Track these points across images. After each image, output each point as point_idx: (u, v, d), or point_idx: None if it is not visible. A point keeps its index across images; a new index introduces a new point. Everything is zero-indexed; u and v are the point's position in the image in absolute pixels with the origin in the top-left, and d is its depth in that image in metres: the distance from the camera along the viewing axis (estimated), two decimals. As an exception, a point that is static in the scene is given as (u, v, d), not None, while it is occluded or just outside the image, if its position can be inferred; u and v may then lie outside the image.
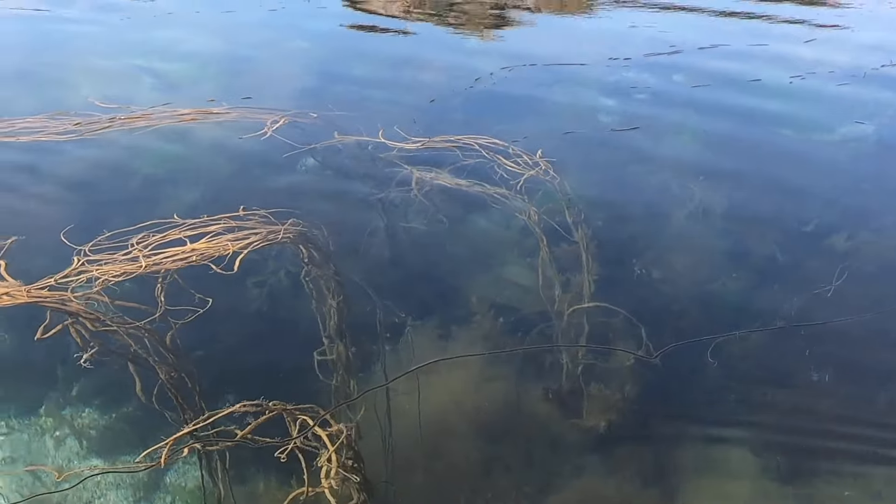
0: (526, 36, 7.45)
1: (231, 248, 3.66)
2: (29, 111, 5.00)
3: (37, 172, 4.37)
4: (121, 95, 5.37)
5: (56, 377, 3.36)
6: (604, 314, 3.72)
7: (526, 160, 4.54)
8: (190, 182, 4.38)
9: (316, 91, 5.71)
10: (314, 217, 4.00)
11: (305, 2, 8.42)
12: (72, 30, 7.29)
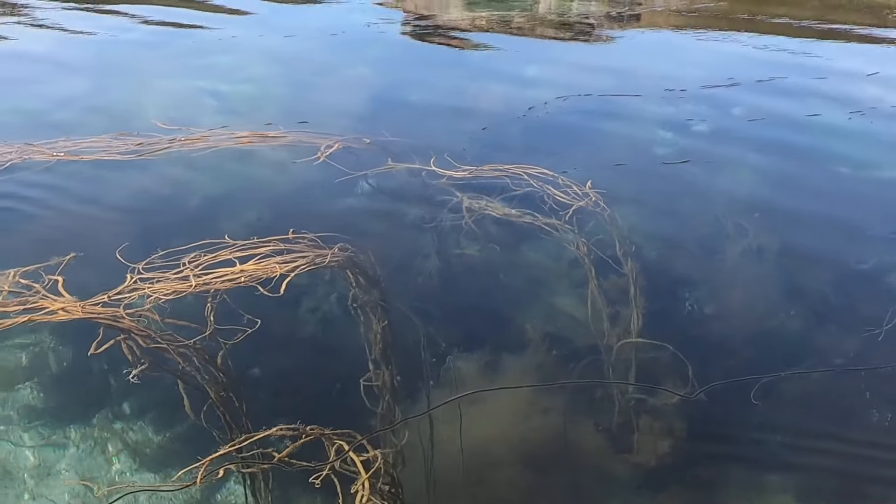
0: (584, 63, 7.44)
1: (278, 271, 3.73)
2: (96, 131, 5.17)
3: (97, 191, 4.51)
4: (183, 117, 5.53)
5: (110, 391, 3.43)
6: (652, 349, 3.69)
7: (576, 191, 4.53)
8: (243, 204, 4.48)
9: (371, 116, 5.79)
10: (362, 242, 4.04)
11: (366, 27, 8.57)
12: (141, 53, 7.54)
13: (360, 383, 3.41)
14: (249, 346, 3.40)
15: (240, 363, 3.40)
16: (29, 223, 4.18)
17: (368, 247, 4.04)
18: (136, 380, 3.22)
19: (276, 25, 8.67)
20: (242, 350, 3.38)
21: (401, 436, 3.20)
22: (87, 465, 3.16)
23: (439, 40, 8.39)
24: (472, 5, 10.06)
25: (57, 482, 3.07)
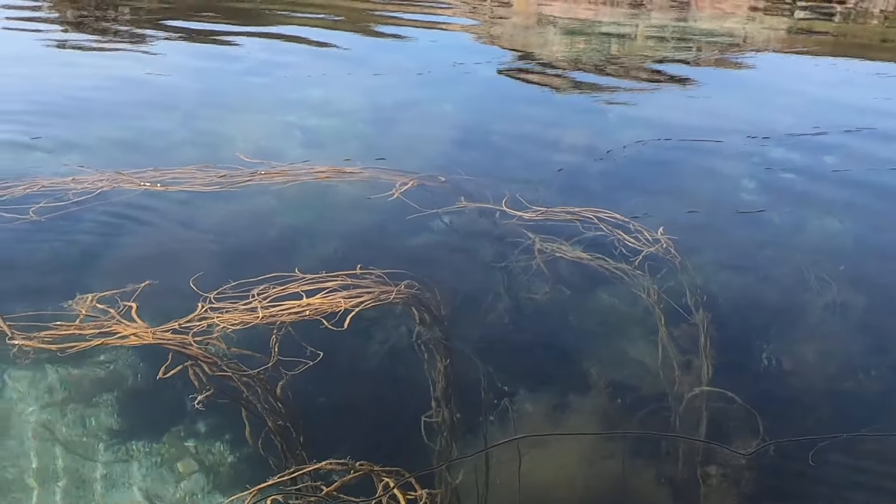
0: (671, 106, 7.37)
1: (343, 305, 3.79)
2: (187, 161, 5.37)
3: (178, 222, 4.67)
4: (270, 150, 5.71)
5: (183, 413, 3.50)
6: (722, 400, 3.58)
7: (647, 237, 4.47)
8: (315, 238, 4.57)
9: (449, 155, 5.85)
10: (429, 280, 4.07)
11: (457, 65, 8.69)
12: (240, 85, 7.86)
13: (422, 420, 3.42)
14: (312, 379, 3.46)
15: (302, 395, 3.44)
16: (110, 250, 4.35)
17: (435, 285, 4.06)
18: (201, 406, 3.32)
19: (369, 61, 8.89)
20: (305, 382, 3.44)
21: (455, 476, 3.18)
22: (153, 483, 3.23)
23: (530, 78, 8.46)
24: (571, 43, 10.10)
25: (123, 496, 3.15)
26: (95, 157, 5.53)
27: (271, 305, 3.77)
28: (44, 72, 8.42)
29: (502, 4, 13.41)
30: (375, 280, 4.03)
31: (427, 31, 11.45)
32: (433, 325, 3.92)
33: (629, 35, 10.70)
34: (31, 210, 4.56)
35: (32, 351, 3.41)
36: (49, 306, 3.69)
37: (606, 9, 12.76)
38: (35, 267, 4.14)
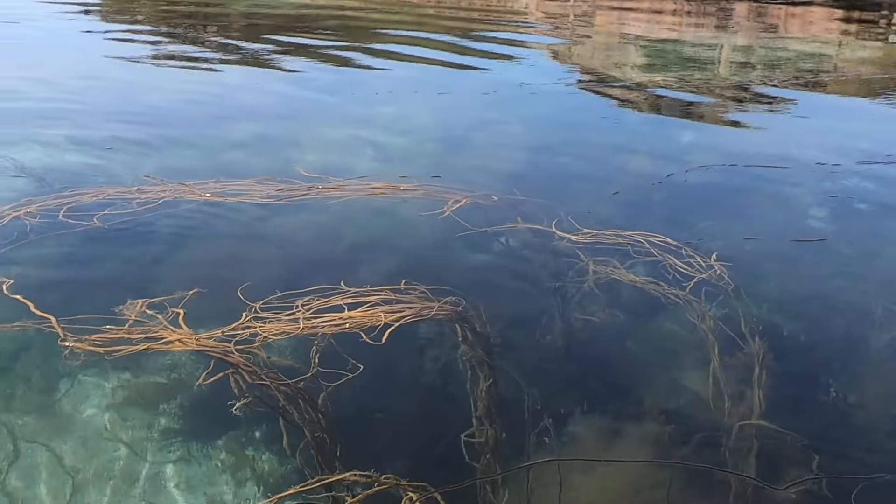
0: (743, 131, 7.22)
1: (384, 320, 3.83)
2: (254, 173, 5.52)
3: (231, 232, 4.79)
4: (335, 165, 5.82)
5: (239, 420, 3.56)
6: (774, 435, 3.47)
7: (699, 262, 4.38)
8: (363, 253, 4.63)
9: (509, 174, 5.85)
10: (474, 298, 4.07)
11: (528, 86, 8.69)
12: (308, 102, 8.07)
13: (461, 438, 3.40)
14: (353, 391, 3.49)
15: (340, 406, 3.47)
16: (165, 258, 4.48)
17: (480, 303, 4.06)
18: (238, 412, 3.38)
19: (444, 79, 9.00)
20: (345, 394, 3.47)
21: (488, 496, 3.15)
22: (206, 486, 3.29)
23: (606, 99, 8.40)
24: (651, 66, 10.01)
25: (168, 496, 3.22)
26: (163, 167, 5.73)
27: (314, 317, 3.83)
28: (127, 83, 8.80)
29: (585, 24, 13.36)
30: (419, 296, 4.05)
31: (509, 48, 11.50)
32: (476, 343, 3.91)
33: (713, 56, 10.53)
34: (95, 217, 4.75)
35: (83, 353, 3.54)
36: (102, 310, 3.82)
37: (690, 29, 12.60)
38: (93, 272, 4.30)
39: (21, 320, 3.73)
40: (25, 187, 5.23)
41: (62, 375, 3.54)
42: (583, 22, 13.64)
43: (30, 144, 6.24)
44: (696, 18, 13.78)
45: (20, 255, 4.37)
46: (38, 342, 3.67)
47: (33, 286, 4.07)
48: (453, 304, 4.01)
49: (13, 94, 8.07)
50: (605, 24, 13.58)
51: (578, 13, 14.62)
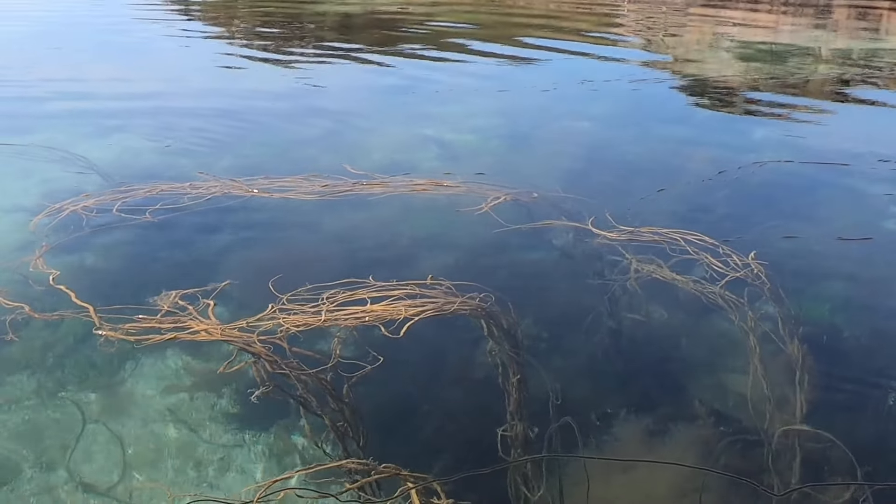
0: (821, 127, 7.03)
1: (404, 314, 3.88)
2: (303, 171, 5.65)
3: (271, 226, 4.95)
4: (386, 162, 5.92)
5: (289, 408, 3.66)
6: (815, 439, 3.37)
7: (736, 261, 4.27)
8: (395, 247, 4.70)
9: (558, 171, 5.84)
10: (503, 294, 4.08)
11: (610, 83, 8.60)
12: (387, 98, 8.29)
13: (498, 433, 3.40)
14: (374, 382, 3.55)
15: (359, 396, 3.53)
16: (205, 251, 4.66)
17: (509, 299, 4.06)
18: (256, 399, 3.49)
19: (492, 78, 8.97)
20: (366, 385, 3.54)
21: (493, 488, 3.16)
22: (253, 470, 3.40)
23: (687, 97, 8.27)
24: (740, 65, 9.78)
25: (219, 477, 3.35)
26: (220, 164, 5.96)
27: (337, 310, 3.91)
28: (206, 83, 9.15)
29: (677, 24, 13.11)
30: (444, 291, 4.09)
31: (596, 46, 11.40)
32: (503, 340, 3.92)
33: (805, 55, 10.17)
34: (147, 211, 4.97)
35: (116, 341, 3.72)
36: (139, 300, 4.00)
37: (786, 28, 12.19)
38: (136, 264, 4.51)
39: (66, 309, 3.94)
40: (87, 183, 5.51)
41: (124, 359, 3.72)
42: (675, 22, 13.38)
43: (99, 142, 6.58)
44: (793, 18, 13.33)
45: (72, 246, 4.61)
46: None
47: (80, 276, 4.30)
48: (480, 300, 4.03)
49: (94, 94, 8.49)
50: (698, 23, 13.27)
51: (672, 13, 14.36)
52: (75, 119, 7.40)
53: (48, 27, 14.18)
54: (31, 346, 3.76)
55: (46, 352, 3.75)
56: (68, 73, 9.57)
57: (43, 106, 8.00)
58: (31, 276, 4.24)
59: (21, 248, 4.58)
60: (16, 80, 9.33)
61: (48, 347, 3.78)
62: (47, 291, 4.10)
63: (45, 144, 6.36)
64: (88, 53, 11.25)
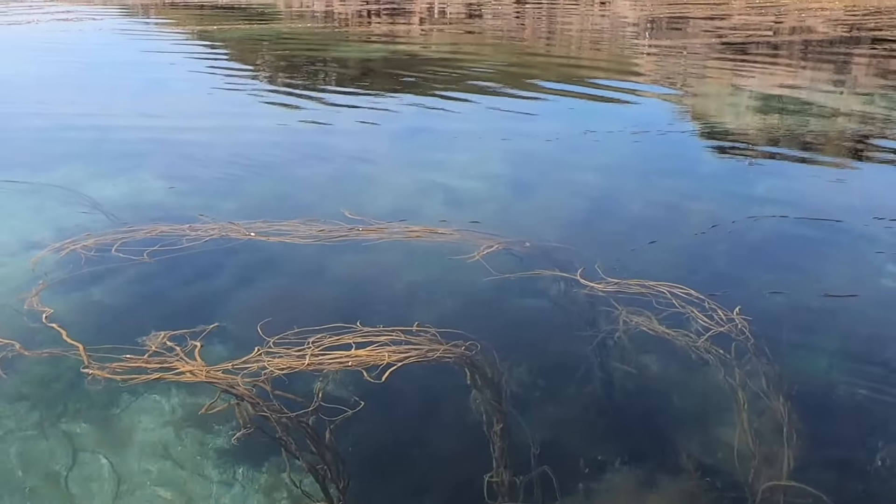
0: (825, 181, 7.02)
1: (387, 360, 3.93)
2: (303, 215, 5.74)
3: (264, 270, 5.03)
4: (383, 208, 6.01)
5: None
6: (803, 495, 3.37)
7: (721, 315, 4.30)
8: (385, 293, 4.77)
9: (554, 220, 5.90)
10: (488, 342, 4.12)
11: (608, 134, 8.66)
12: (397, 143, 8.36)
13: (485, 480, 3.42)
14: (354, 427, 3.60)
15: (340, 440, 3.56)
16: (197, 292, 4.75)
17: (494, 348, 4.11)
18: (236, 442, 3.54)
19: (494, 126, 9.08)
20: (345, 429, 3.58)
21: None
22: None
23: (694, 149, 8.25)
24: (756, 116, 9.82)
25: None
26: (222, 207, 6.07)
27: (321, 354, 3.97)
28: (218, 124, 9.32)
29: (696, 75, 13.21)
30: (429, 338, 4.14)
31: (613, 94, 11.43)
32: (486, 388, 3.95)
33: (823, 111, 10.18)
34: (145, 252, 5.07)
35: (103, 379, 3.79)
36: (129, 340, 4.08)
37: (805, 83, 12.21)
38: (129, 304, 4.61)
39: (56, 346, 4.03)
40: (90, 222, 5.64)
41: (116, 397, 3.78)
42: (694, 72, 13.48)
43: (108, 181, 6.73)
44: (812, 72, 13.38)
45: (69, 285, 4.72)
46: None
47: (74, 315, 4.40)
48: (465, 348, 4.07)
49: (110, 131, 8.70)
50: (717, 73, 13.36)
51: (691, 62, 14.48)
52: (88, 157, 7.59)
53: (72, 64, 14.53)
54: (22, 382, 3.85)
55: (36, 388, 3.83)
56: (87, 110, 9.83)
57: (60, 143, 8.23)
58: (26, 313, 4.35)
59: (19, 286, 4.69)
60: (35, 116, 9.59)
61: (39, 384, 3.85)
62: (40, 329, 4.19)
63: (57, 182, 6.54)
64: (108, 91, 11.53)
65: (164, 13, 26.97)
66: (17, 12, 24.87)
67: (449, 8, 27.77)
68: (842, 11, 22.25)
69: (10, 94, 11.33)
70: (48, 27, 19.98)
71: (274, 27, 21.72)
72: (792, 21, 20.51)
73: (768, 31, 18.63)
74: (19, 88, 11.73)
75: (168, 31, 21.60)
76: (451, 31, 20.97)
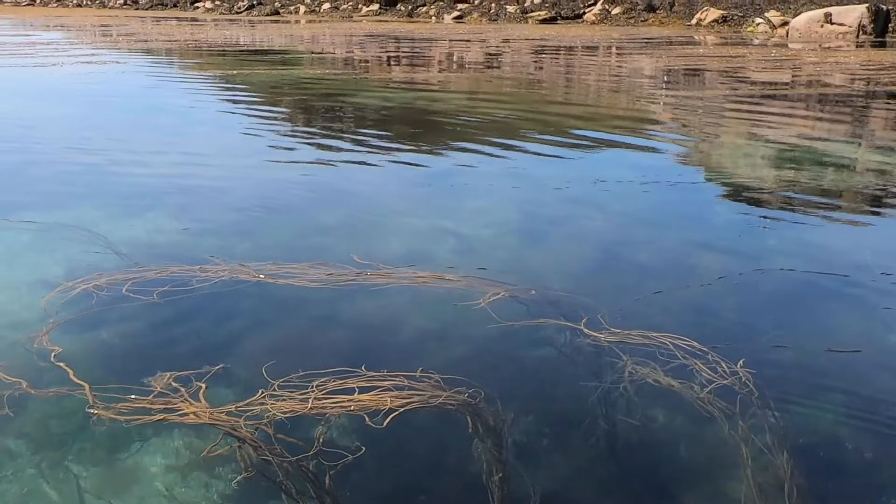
0: (840, 234, 7.01)
1: (389, 405, 3.95)
2: (313, 258, 5.81)
3: (272, 313, 5.09)
4: (393, 253, 6.06)
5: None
6: None
7: (724, 368, 4.30)
8: (391, 338, 4.81)
9: (561, 269, 5.93)
10: (493, 389, 4.15)
11: (604, 181, 8.69)
12: (407, 190, 8.49)
13: None
14: (361, 473, 3.62)
15: (347, 486, 3.57)
16: (204, 333, 4.80)
17: (498, 395, 4.12)
18: (237, 485, 3.55)
19: (507, 174, 9.14)
20: (354, 475, 3.59)
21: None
22: None
23: (707, 198, 8.25)
24: (779, 165, 9.85)
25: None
26: (233, 248, 6.16)
27: (324, 398, 4.00)
28: (233, 164, 9.48)
29: (712, 124, 13.28)
30: (432, 384, 4.16)
31: (630, 140, 11.48)
32: (488, 437, 3.95)
33: (839, 164, 10.18)
34: (155, 293, 5.14)
35: (107, 420, 3.82)
36: (135, 380, 4.14)
37: (822, 134, 12.22)
38: (136, 344, 4.66)
39: (63, 386, 4.08)
40: (103, 261, 5.73)
41: (122, 436, 3.81)
42: (711, 121, 13.56)
43: (124, 221, 6.84)
44: (829, 124, 13.42)
45: (79, 324, 4.79)
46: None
47: (82, 354, 4.45)
48: (467, 395, 4.09)
49: (129, 170, 8.86)
50: (734, 123, 13.43)
51: (707, 111, 14.57)
52: (105, 197, 7.73)
53: (92, 105, 14.80)
54: (27, 422, 3.89)
55: (41, 428, 3.86)
56: (106, 151, 9.99)
57: (77, 182, 8.38)
58: (35, 352, 4.41)
59: (30, 324, 4.76)
60: (54, 155, 9.78)
61: (43, 423, 3.89)
62: (48, 368, 4.25)
63: (72, 221, 6.65)
64: (128, 131, 11.71)
65: (188, 56, 27.45)
66: (44, 54, 25.39)
67: (468, 56, 28.09)
68: (857, 66, 22.35)
69: (31, 134, 11.53)
70: (72, 70, 20.36)
71: (294, 72, 22.07)
72: (808, 74, 20.62)
73: (785, 84, 18.74)
74: (39, 128, 11.96)
75: (190, 73, 21.98)
76: (470, 78, 21.21)
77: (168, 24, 55.49)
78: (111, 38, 38.98)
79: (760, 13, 42.00)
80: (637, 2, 49.33)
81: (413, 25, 49.64)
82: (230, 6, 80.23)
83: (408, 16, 60.49)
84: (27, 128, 12.06)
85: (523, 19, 52.32)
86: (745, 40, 34.60)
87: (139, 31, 44.78)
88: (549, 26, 47.34)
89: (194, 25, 53.02)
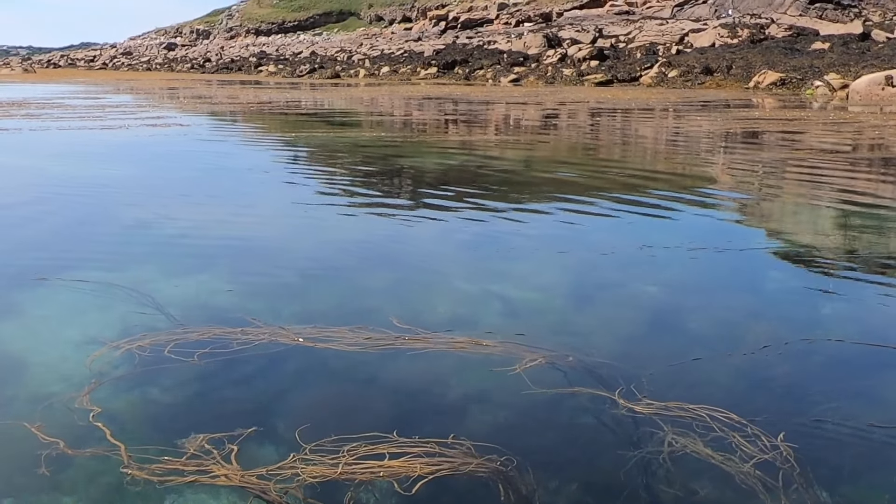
0: (891, 304, 6.80)
1: (419, 471, 3.93)
2: (354, 321, 5.86)
3: (310, 376, 5.12)
4: (434, 317, 6.08)
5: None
6: None
7: (764, 442, 4.18)
8: (424, 404, 4.81)
9: (603, 337, 5.85)
10: (525, 458, 4.10)
11: (657, 247, 8.58)
12: (457, 253, 8.52)
13: None
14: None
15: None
16: (241, 395, 4.85)
17: (530, 464, 4.07)
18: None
19: (549, 240, 9.11)
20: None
21: None
22: None
23: (764, 267, 8.03)
24: (840, 229, 9.66)
25: None
26: (276, 310, 6.24)
27: (354, 463, 3.99)
28: (287, 227, 9.66)
29: (774, 185, 13.13)
30: (464, 451, 4.13)
31: (685, 206, 11.27)
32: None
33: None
34: (196, 354, 5.23)
35: (141, 480, 3.87)
36: (170, 441, 4.19)
37: (885, 199, 11.95)
38: (174, 404, 4.73)
39: (100, 446, 4.15)
40: (149, 322, 5.86)
41: (156, 497, 3.85)
42: (772, 182, 13.41)
43: (172, 281, 6.99)
44: (893, 188, 13.13)
45: (120, 384, 4.89)
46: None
47: (121, 414, 4.53)
48: (499, 463, 4.05)
49: (182, 232, 9.10)
50: (795, 185, 13.25)
51: (767, 172, 14.43)
52: (159, 258, 7.90)
53: (154, 166, 15.27)
54: (62, 481, 3.95)
55: (76, 487, 3.93)
56: (165, 212, 10.26)
57: (134, 244, 8.61)
58: (76, 411, 4.51)
59: (74, 384, 4.88)
60: (113, 216, 10.09)
61: (79, 483, 3.95)
62: (86, 428, 4.33)
63: (125, 282, 6.81)
64: (186, 193, 12.01)
65: (251, 119, 28.21)
66: (112, 117, 26.34)
67: (524, 118, 28.37)
68: (920, 128, 21.96)
69: (94, 193, 11.91)
70: (137, 132, 21.09)
71: (353, 134, 22.52)
72: (869, 138, 20.31)
73: (846, 147, 18.46)
74: (102, 189, 12.35)
75: (252, 136, 22.59)
76: (526, 140, 21.39)
77: (232, 86, 57.32)
78: (178, 100, 40.38)
79: (819, 76, 41.68)
80: (694, 65, 49.41)
81: (470, 88, 50.40)
82: (292, 70, 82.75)
83: (465, 79, 61.57)
84: (88, 186, 12.49)
85: (580, 82, 52.80)
86: (804, 103, 34.31)
87: (204, 94, 46.30)
88: (605, 89, 47.64)
89: (257, 88, 54.64)
